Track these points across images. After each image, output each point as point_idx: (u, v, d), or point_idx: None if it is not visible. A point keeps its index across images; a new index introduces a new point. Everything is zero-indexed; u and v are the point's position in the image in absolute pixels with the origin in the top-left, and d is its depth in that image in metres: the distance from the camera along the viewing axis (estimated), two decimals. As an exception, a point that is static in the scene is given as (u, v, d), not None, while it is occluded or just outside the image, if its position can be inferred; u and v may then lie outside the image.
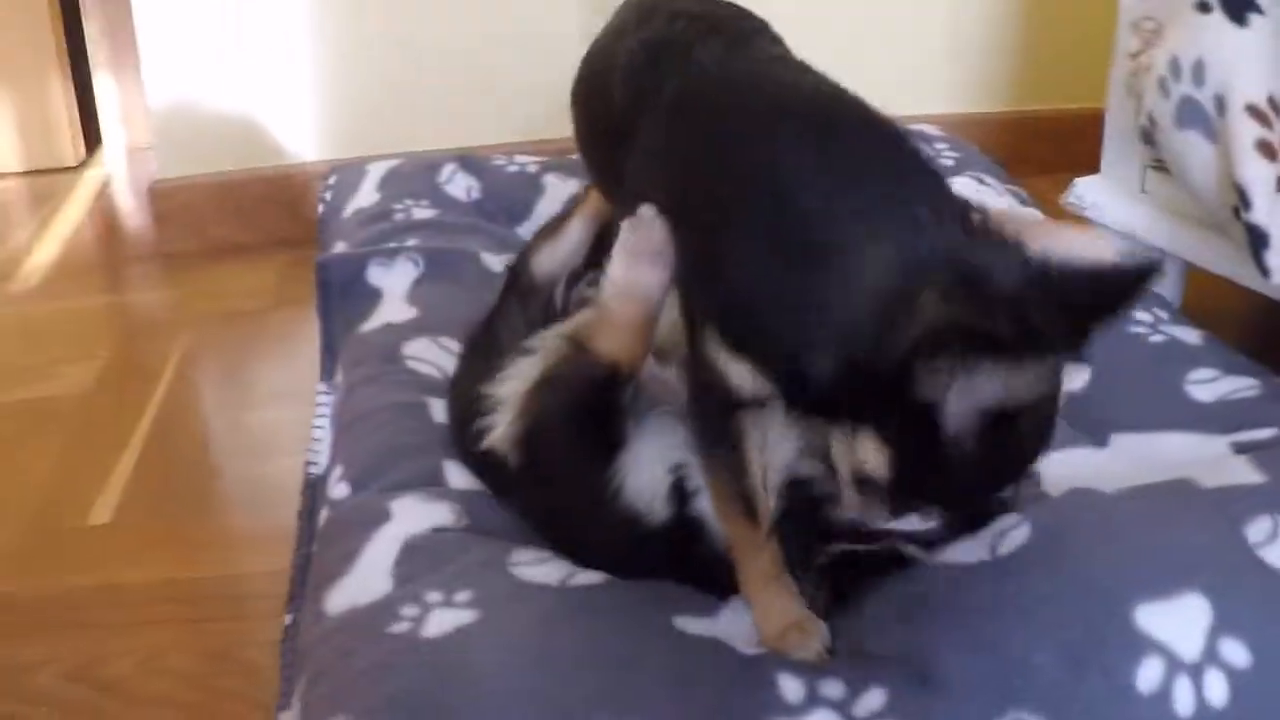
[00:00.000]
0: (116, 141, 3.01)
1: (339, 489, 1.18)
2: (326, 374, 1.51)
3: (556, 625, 0.93)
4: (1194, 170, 1.42)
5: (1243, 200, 1.33)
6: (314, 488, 1.33)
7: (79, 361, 1.85)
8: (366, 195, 1.86)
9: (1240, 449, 1.18)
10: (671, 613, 0.96)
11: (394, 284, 1.56)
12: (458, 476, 1.17)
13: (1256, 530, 0.95)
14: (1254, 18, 1.36)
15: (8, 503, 1.48)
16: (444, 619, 0.93)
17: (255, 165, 2.23)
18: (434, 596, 0.95)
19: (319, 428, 1.43)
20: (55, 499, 1.49)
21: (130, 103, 2.93)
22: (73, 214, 2.60)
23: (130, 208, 2.63)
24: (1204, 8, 1.39)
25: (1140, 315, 1.44)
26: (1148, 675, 0.84)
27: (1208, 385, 1.31)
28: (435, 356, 1.40)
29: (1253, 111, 1.34)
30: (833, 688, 0.87)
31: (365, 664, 0.91)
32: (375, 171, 1.93)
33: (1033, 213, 1.43)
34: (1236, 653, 0.85)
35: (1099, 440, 1.28)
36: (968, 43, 2.38)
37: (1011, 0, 2.37)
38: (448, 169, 1.92)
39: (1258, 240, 1.33)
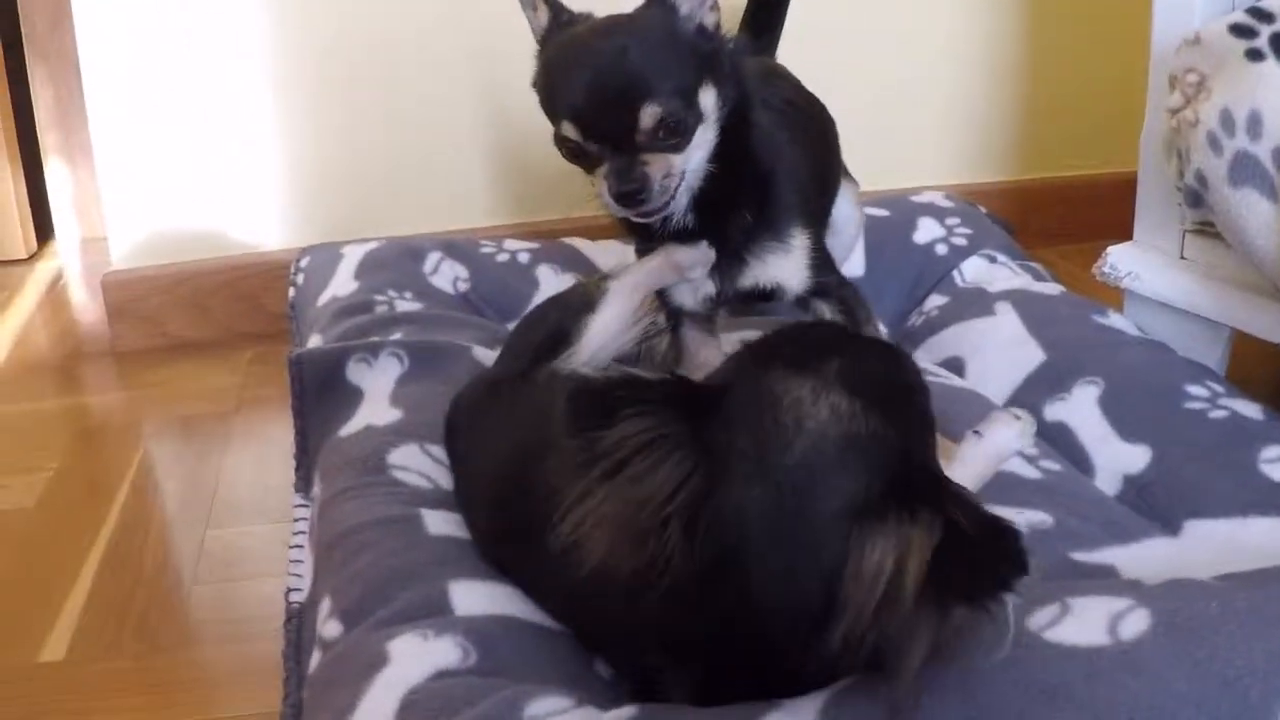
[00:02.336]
0: (70, 232, 2.89)
1: (330, 627, 1.04)
2: (302, 485, 1.37)
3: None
4: (1252, 232, 1.31)
5: (1315, 263, 1.22)
6: (298, 619, 1.18)
7: (24, 473, 1.69)
8: (343, 283, 1.74)
9: (1339, 533, 1.09)
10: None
11: (376, 383, 1.43)
12: (466, 600, 1.03)
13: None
14: (1315, 64, 1.26)
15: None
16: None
17: (215, 255, 2.09)
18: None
19: (297, 548, 1.28)
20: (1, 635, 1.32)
21: (84, 192, 2.81)
22: (23, 309, 2.45)
23: (84, 302, 2.49)
24: (1256, 55, 1.29)
25: (1194, 389, 1.37)
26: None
27: (1284, 464, 1.23)
28: (424, 466, 1.27)
29: (1320, 166, 1.23)
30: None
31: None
32: (352, 256, 1.82)
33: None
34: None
35: (1170, 528, 1.20)
36: (969, 114, 2.32)
37: (1010, 71, 2.31)
38: (433, 257, 1.82)
39: (1333, 307, 1.21)
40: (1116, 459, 1.32)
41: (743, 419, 0.81)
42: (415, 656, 0.93)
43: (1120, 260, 1.60)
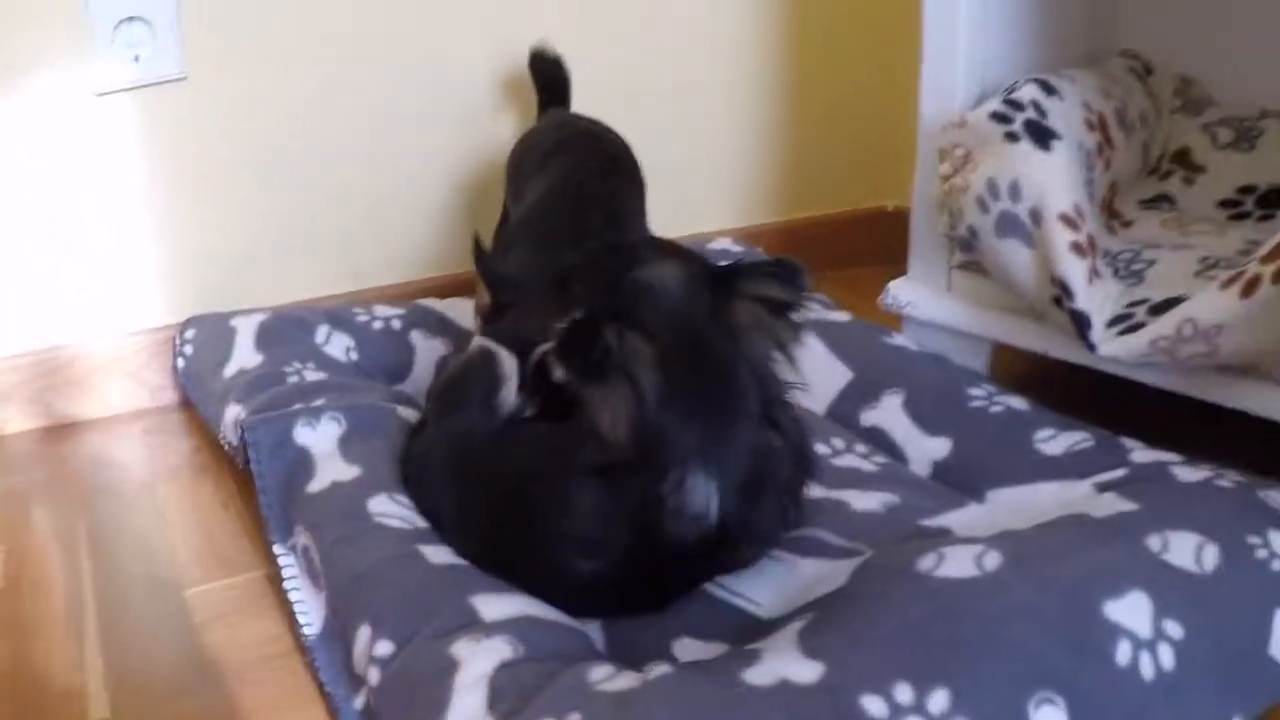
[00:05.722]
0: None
1: (381, 646, 1.17)
2: (280, 535, 1.48)
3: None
4: (1015, 270, 1.66)
5: (1065, 292, 1.58)
6: (313, 652, 1.32)
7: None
8: (247, 356, 1.84)
9: (1102, 488, 1.42)
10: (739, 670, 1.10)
11: (323, 444, 1.55)
12: (490, 610, 1.18)
13: (1152, 543, 1.22)
14: (1056, 143, 1.63)
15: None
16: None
17: (90, 334, 2.10)
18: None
19: (295, 590, 1.41)
20: (39, 705, 1.33)
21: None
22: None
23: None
24: (1013, 138, 1.64)
25: (974, 391, 1.70)
26: (1122, 652, 1.10)
27: (1052, 442, 1.56)
28: (399, 511, 1.39)
29: (1064, 219, 1.59)
30: (903, 693, 1.04)
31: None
32: (244, 328, 1.90)
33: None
34: (1174, 629, 1.13)
35: (978, 497, 1.52)
36: (739, 163, 2.58)
37: (775, 121, 2.57)
38: (322, 330, 1.92)
39: (1081, 323, 1.57)
40: (924, 450, 1.64)
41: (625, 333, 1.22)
42: (479, 655, 1.10)
43: (900, 293, 1.96)
